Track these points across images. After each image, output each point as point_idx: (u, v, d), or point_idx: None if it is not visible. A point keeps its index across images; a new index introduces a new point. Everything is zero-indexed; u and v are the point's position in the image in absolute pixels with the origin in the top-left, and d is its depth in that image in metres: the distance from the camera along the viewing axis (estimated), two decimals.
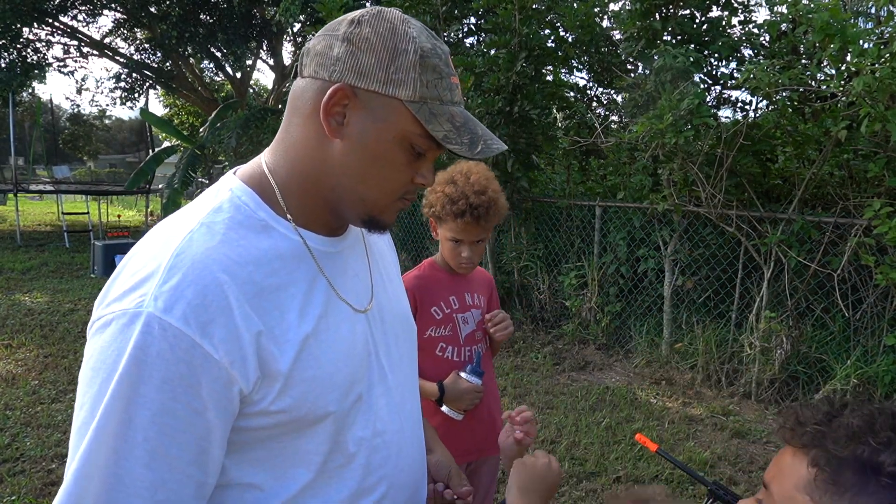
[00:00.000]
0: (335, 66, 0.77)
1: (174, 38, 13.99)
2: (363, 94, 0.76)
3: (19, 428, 3.66)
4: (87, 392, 0.71)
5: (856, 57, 3.60)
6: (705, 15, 5.39)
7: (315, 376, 0.79)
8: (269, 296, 0.77)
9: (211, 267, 0.73)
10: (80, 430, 0.71)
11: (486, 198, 1.68)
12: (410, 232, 7.43)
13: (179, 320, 0.70)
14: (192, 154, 11.61)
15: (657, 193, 4.89)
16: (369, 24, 0.77)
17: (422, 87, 0.76)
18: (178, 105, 23.75)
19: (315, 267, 0.83)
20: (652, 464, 3.36)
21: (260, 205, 0.81)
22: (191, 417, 0.71)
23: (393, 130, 0.77)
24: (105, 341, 0.71)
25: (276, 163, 0.84)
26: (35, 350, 5.06)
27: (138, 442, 0.69)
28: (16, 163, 13.30)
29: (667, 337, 5.00)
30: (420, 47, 0.77)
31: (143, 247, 0.77)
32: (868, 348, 4.03)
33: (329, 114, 0.77)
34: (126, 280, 0.73)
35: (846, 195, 4.21)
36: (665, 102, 4.31)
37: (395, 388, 0.93)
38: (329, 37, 0.78)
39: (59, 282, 7.90)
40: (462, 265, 1.78)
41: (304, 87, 0.80)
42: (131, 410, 0.69)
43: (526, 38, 5.27)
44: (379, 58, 0.76)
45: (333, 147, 0.79)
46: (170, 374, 0.69)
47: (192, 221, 0.78)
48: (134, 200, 19.07)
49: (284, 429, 0.79)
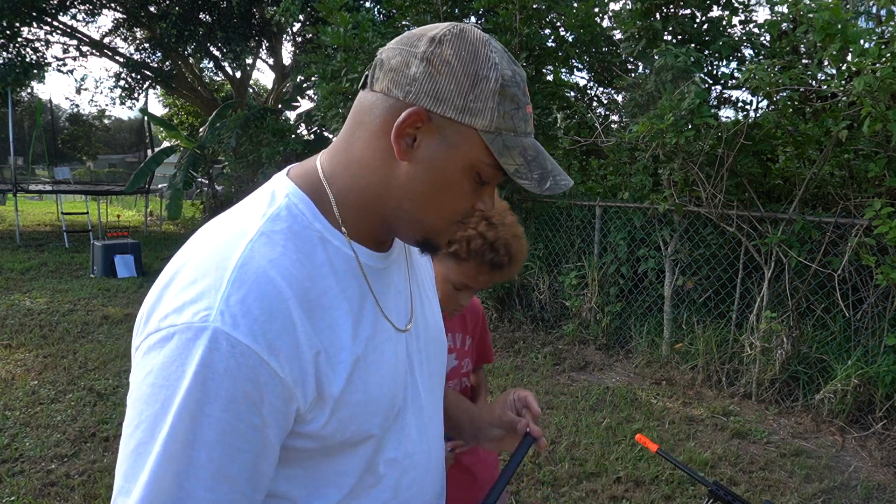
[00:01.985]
0: (411, 87, 0.73)
1: (174, 38, 13.99)
2: (437, 119, 0.73)
3: (18, 428, 3.65)
4: (146, 410, 0.67)
5: (857, 56, 3.60)
6: (706, 15, 5.39)
7: (362, 400, 0.77)
8: (323, 314, 0.74)
9: (276, 280, 0.70)
10: (137, 451, 0.67)
11: (522, 246, 1.40)
12: None
13: (247, 336, 0.67)
14: (192, 154, 11.61)
15: (658, 193, 4.89)
16: (451, 44, 0.73)
17: (499, 117, 0.73)
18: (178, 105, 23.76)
19: (365, 284, 0.81)
20: (652, 464, 3.36)
21: (316, 215, 0.78)
22: (252, 436, 0.69)
23: (463, 159, 0.75)
24: (167, 357, 0.67)
25: (334, 172, 0.81)
26: (34, 350, 5.06)
27: (202, 463, 0.66)
28: (15, 163, 13.29)
29: (667, 337, 5.00)
30: (501, 75, 0.73)
31: (196, 253, 0.73)
32: (868, 348, 4.02)
33: (401, 135, 0.73)
34: (183, 291, 0.69)
35: (847, 195, 4.21)
36: (666, 102, 4.31)
37: (426, 409, 0.92)
38: (406, 53, 0.74)
39: (58, 282, 7.89)
40: (455, 313, 1.51)
41: (374, 102, 0.76)
42: (196, 430, 0.66)
43: (526, 37, 5.27)
44: (459, 83, 0.72)
45: (399, 168, 0.76)
46: (237, 392, 0.67)
47: (251, 229, 0.74)
48: (133, 200, 19.07)
49: (327, 450, 0.78)
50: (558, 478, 3.24)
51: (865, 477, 3.36)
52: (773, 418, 4.08)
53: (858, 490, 3.22)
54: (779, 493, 3.17)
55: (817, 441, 3.78)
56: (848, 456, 3.61)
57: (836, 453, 3.63)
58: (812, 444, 3.75)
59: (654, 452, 1.52)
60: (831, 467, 3.46)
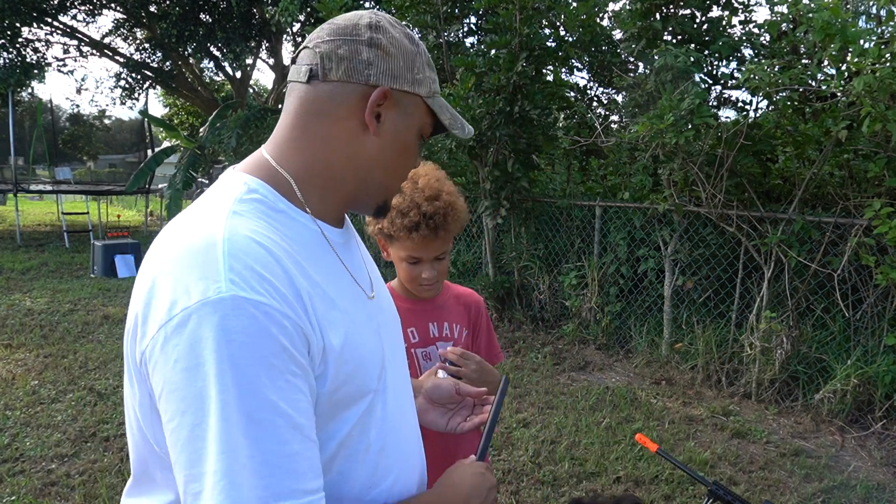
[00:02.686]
0: (370, 70, 0.83)
1: (174, 38, 13.99)
2: (396, 94, 0.84)
3: (19, 428, 3.65)
4: (187, 393, 0.67)
5: (856, 57, 3.60)
6: (706, 15, 5.39)
7: (360, 355, 0.82)
8: (310, 275, 0.79)
9: (264, 244, 0.74)
10: (193, 434, 0.66)
11: (442, 203, 1.39)
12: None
13: (263, 295, 0.69)
14: (192, 154, 11.62)
15: (657, 193, 4.89)
16: (386, 29, 0.85)
17: (431, 83, 0.88)
18: (178, 105, 23.77)
19: (335, 256, 0.87)
20: (652, 464, 3.36)
21: (278, 197, 0.83)
22: (301, 384, 0.72)
23: (416, 125, 0.88)
24: (192, 337, 0.67)
25: (287, 159, 0.85)
26: (35, 350, 5.06)
27: (271, 422, 0.67)
28: (15, 163, 13.29)
29: (667, 337, 5.00)
30: (423, 49, 0.88)
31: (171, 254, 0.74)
32: (868, 348, 4.03)
33: (372, 113, 0.83)
34: (179, 280, 0.70)
35: (846, 195, 4.21)
36: (665, 102, 4.31)
37: (398, 373, 0.96)
38: (351, 42, 0.83)
39: (58, 282, 7.90)
40: (424, 288, 1.49)
41: (332, 91, 0.83)
42: (253, 393, 0.66)
43: (526, 38, 5.27)
44: (406, 60, 0.85)
45: (368, 143, 0.85)
46: (274, 348, 0.69)
47: (222, 212, 0.77)
48: (133, 200, 19.07)
49: (332, 409, 0.80)
50: (558, 477, 3.24)
51: (865, 477, 3.37)
52: (772, 418, 4.09)
53: (858, 490, 3.23)
54: (778, 493, 3.17)
55: (817, 441, 3.78)
56: (847, 456, 3.62)
57: (835, 453, 3.63)
58: (812, 443, 3.75)
59: (654, 452, 1.53)
60: (831, 467, 3.46)
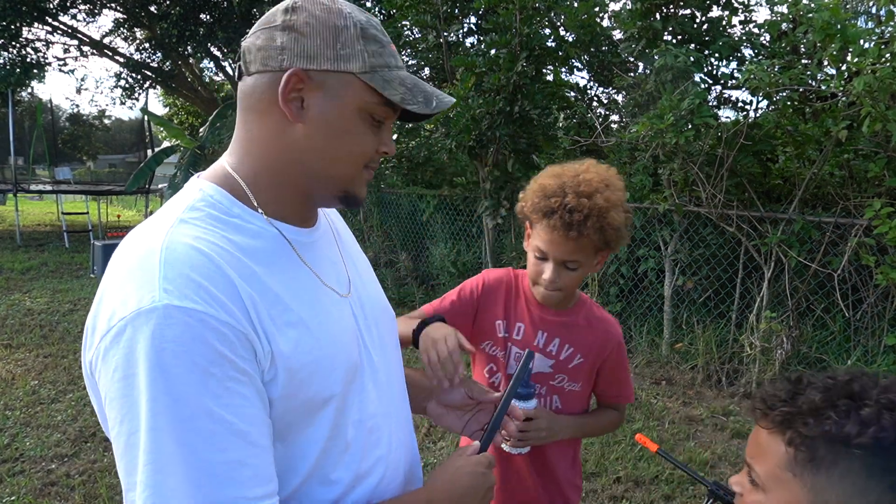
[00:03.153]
0: (282, 55, 0.78)
1: (174, 38, 13.99)
2: (316, 75, 0.78)
3: (19, 428, 3.65)
4: (124, 403, 0.67)
5: (856, 57, 3.60)
6: (705, 15, 5.39)
7: (318, 358, 0.79)
8: (260, 280, 0.76)
9: (204, 251, 0.73)
10: (129, 442, 0.67)
11: (591, 203, 1.21)
12: (410, 232, 7.43)
13: (198, 303, 0.68)
14: (192, 154, 11.61)
15: (658, 193, 4.89)
16: (304, 8, 0.79)
17: (369, 57, 0.79)
18: (178, 105, 23.75)
19: (296, 257, 0.84)
20: (652, 464, 3.36)
21: (233, 202, 0.82)
22: (245, 390, 0.70)
23: (351, 104, 0.80)
24: (126, 347, 0.67)
25: (238, 161, 0.84)
26: (35, 350, 5.06)
27: (209, 429, 0.67)
28: (15, 163, 13.29)
29: (667, 337, 5.00)
30: (357, 21, 0.80)
31: (120, 261, 0.75)
32: (868, 348, 4.03)
33: (287, 100, 0.78)
34: (120, 290, 0.71)
35: (846, 195, 4.21)
36: (666, 102, 4.31)
37: (382, 371, 0.94)
38: (268, 30, 0.80)
39: (58, 282, 7.89)
40: (542, 288, 1.32)
41: (254, 84, 0.81)
42: (189, 401, 0.66)
43: (526, 37, 5.27)
44: (323, 38, 0.78)
45: (296, 132, 0.80)
46: (212, 355, 0.68)
47: (169, 220, 0.77)
48: (133, 200, 19.06)
49: (296, 416, 0.79)
50: None
51: None
52: None
53: None
54: None
55: None
56: None
57: None
58: None
59: (654, 452, 1.53)
60: None
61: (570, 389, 1.41)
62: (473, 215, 6.44)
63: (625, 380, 1.48)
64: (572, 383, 1.41)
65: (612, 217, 1.22)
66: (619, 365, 1.44)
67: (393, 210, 7.59)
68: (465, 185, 6.45)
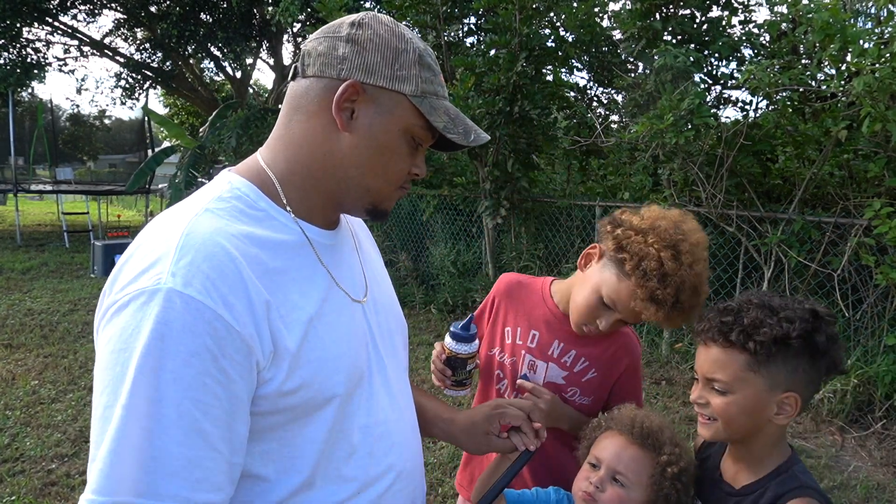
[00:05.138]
0: (342, 65, 0.81)
1: (174, 38, 14.00)
2: (371, 90, 0.82)
3: (19, 428, 3.66)
4: (108, 375, 0.69)
5: (856, 57, 3.60)
6: (705, 15, 5.40)
7: (322, 357, 0.80)
8: (274, 277, 0.78)
9: (222, 243, 0.75)
10: (104, 416, 0.69)
11: (697, 301, 1.19)
12: (410, 232, 7.43)
13: (200, 293, 0.70)
14: (193, 154, 11.61)
15: (657, 193, 4.89)
16: (370, 26, 0.83)
17: (422, 83, 0.83)
18: (178, 105, 23.76)
19: (315, 256, 0.86)
20: None
21: (260, 196, 0.84)
22: (219, 391, 0.71)
23: (398, 123, 0.83)
24: (125, 321, 0.70)
25: (274, 158, 0.87)
26: (35, 350, 5.06)
27: (173, 419, 0.68)
28: (16, 163, 13.30)
29: (667, 337, 5.00)
30: (416, 47, 0.84)
31: (147, 236, 0.78)
32: (868, 348, 4.03)
33: (340, 108, 0.81)
34: (136, 264, 0.73)
35: (846, 195, 4.21)
36: (665, 102, 4.31)
37: (392, 378, 0.95)
38: (331, 38, 0.83)
39: (59, 282, 7.90)
40: (585, 331, 1.29)
41: (308, 87, 0.84)
42: (162, 387, 0.68)
43: (526, 38, 5.27)
44: (384, 56, 0.81)
45: (342, 140, 0.83)
46: (196, 347, 0.69)
47: (196, 208, 0.80)
48: (134, 200, 19.06)
49: (294, 413, 0.79)
50: None
51: (865, 476, 3.37)
52: None
53: (858, 490, 3.22)
54: None
55: (817, 441, 3.78)
56: (847, 456, 3.62)
57: (835, 453, 3.63)
58: (812, 443, 3.75)
59: None
60: (831, 467, 3.46)
61: (580, 403, 1.39)
62: (473, 215, 6.44)
63: (637, 390, 1.45)
64: (584, 397, 1.39)
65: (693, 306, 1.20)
66: (634, 378, 1.42)
67: (393, 210, 7.53)
68: (465, 184, 6.46)
